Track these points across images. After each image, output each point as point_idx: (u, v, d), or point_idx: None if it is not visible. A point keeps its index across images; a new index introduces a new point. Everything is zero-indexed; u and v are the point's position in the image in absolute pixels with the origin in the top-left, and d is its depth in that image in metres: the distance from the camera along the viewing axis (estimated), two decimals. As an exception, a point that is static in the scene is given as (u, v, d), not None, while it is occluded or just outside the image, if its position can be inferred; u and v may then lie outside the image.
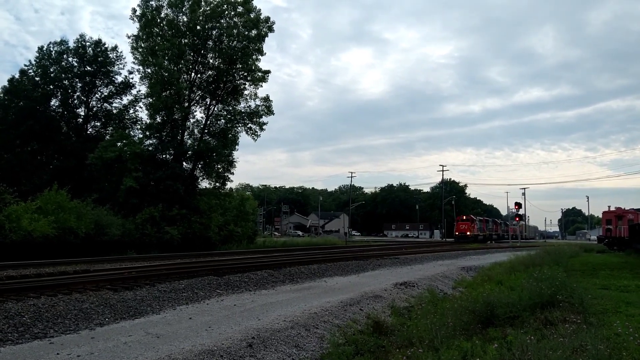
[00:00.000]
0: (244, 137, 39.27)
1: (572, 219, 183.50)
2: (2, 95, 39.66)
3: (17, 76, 40.27)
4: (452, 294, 15.63)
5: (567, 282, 11.24)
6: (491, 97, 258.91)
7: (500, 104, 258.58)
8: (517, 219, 62.76)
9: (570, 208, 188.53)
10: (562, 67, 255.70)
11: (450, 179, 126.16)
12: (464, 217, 66.96)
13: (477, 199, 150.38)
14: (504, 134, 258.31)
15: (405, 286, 15.78)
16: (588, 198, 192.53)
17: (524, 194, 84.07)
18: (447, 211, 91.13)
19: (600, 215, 48.78)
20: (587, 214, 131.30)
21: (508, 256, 27.66)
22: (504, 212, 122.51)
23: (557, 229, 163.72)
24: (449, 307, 9.90)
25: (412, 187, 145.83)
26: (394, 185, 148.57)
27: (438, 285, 17.27)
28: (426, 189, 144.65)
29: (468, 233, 62.12)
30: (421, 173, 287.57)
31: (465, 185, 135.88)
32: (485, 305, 9.16)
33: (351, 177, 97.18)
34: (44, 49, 41.55)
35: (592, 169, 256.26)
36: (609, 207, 44.80)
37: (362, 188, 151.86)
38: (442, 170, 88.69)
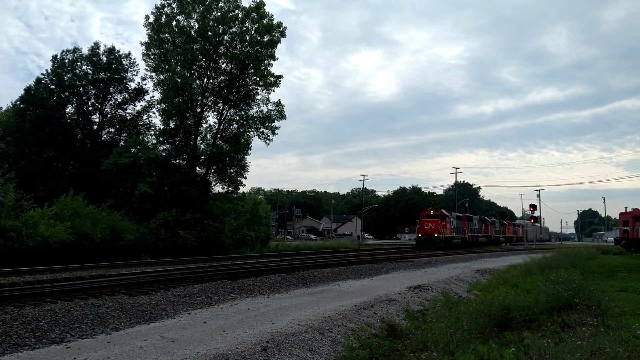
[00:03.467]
0: (255, 141, 39.71)
1: (588, 221, 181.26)
2: (19, 103, 40.25)
3: (33, 85, 40.88)
4: (467, 297, 15.51)
5: (584, 285, 11.09)
6: (503, 97, 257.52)
7: (513, 105, 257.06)
8: (532, 220, 62.10)
9: (587, 209, 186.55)
10: (576, 66, 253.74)
11: (463, 181, 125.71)
12: (431, 212, 46.66)
13: (491, 201, 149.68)
14: (517, 135, 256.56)
15: (420, 289, 15.70)
16: (604, 199, 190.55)
17: (538, 195, 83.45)
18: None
19: (617, 217, 48.12)
20: (603, 215, 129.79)
21: (523, 259, 27.42)
22: (518, 214, 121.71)
23: (573, 230, 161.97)
24: (464, 311, 9.82)
25: (425, 190, 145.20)
26: (407, 188, 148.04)
27: (452, 289, 17.15)
28: (439, 191, 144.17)
29: (436, 235, 43.07)
30: (434, 175, 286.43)
31: (479, 188, 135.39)
32: (501, 309, 9.06)
33: (363, 180, 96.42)
34: (58, 57, 42.14)
35: (608, 170, 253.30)
36: (626, 208, 44.18)
37: (375, 191, 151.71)
38: (455, 173, 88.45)
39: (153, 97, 42.49)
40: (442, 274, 20.66)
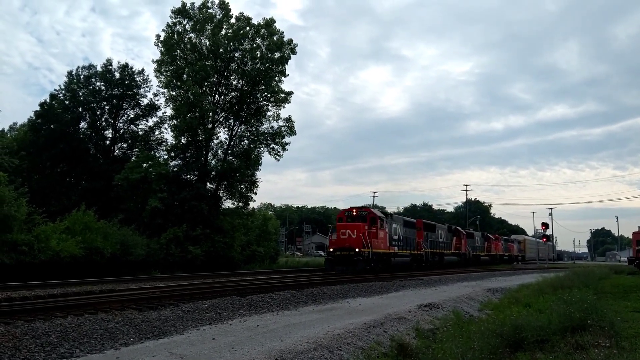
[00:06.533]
0: (264, 157, 39.88)
1: (601, 240, 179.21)
2: (33, 118, 40.87)
3: (47, 100, 41.53)
4: (479, 316, 15.33)
5: (597, 305, 10.94)
6: (514, 114, 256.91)
7: (524, 122, 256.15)
8: (545, 239, 61.52)
9: (600, 228, 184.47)
10: (587, 83, 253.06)
11: (474, 198, 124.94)
12: (354, 212, 29.87)
13: (502, 219, 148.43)
14: (528, 152, 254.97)
15: (430, 308, 15.54)
16: (617, 218, 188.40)
17: (550, 214, 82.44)
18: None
19: (631, 236, 47.54)
20: (616, 234, 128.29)
21: (536, 278, 27.13)
22: (530, 232, 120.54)
23: (585, 249, 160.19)
24: (475, 330, 9.71)
25: (435, 207, 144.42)
26: (417, 205, 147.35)
27: (463, 307, 16.96)
28: (449, 208, 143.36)
29: (357, 249, 26.82)
30: (444, 193, 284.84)
31: (490, 205, 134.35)
32: (513, 329, 8.96)
33: (373, 197, 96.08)
34: (73, 73, 42.92)
35: (621, 188, 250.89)
36: (639, 227, 43.68)
37: (385, 208, 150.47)
38: (466, 190, 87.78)
39: (165, 113, 43.04)
40: (452, 293, 20.45)
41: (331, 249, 28.57)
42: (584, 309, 10.00)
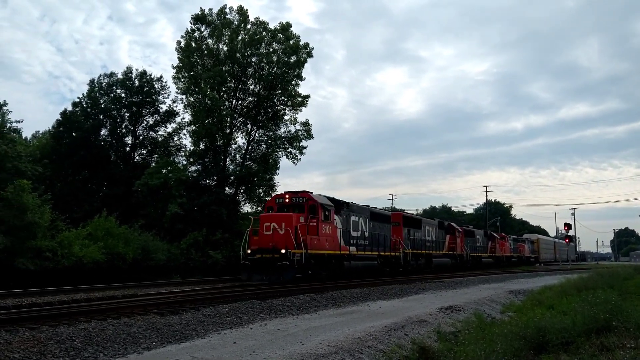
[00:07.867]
0: (282, 161, 39.47)
1: (625, 240, 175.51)
2: (55, 126, 41.60)
3: (69, 108, 42.31)
4: (501, 318, 15.16)
5: (622, 306, 10.74)
6: (534, 113, 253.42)
7: (545, 121, 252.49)
8: (567, 240, 60.60)
9: (623, 228, 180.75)
10: (609, 80, 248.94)
11: (494, 199, 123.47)
12: (287, 200, 22.20)
13: (523, 220, 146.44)
14: (549, 152, 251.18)
15: (451, 310, 15.41)
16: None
17: (573, 214, 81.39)
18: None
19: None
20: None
21: (558, 279, 26.76)
22: (552, 233, 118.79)
23: (609, 250, 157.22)
24: (498, 333, 9.60)
25: (454, 209, 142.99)
26: (437, 207, 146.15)
27: (485, 310, 16.79)
28: (469, 210, 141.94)
29: (283, 250, 19.72)
30: (463, 194, 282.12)
31: (511, 206, 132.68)
32: (536, 331, 8.84)
33: (392, 199, 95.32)
34: (95, 81, 43.60)
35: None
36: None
37: (404, 210, 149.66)
38: (486, 191, 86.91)
39: (183, 119, 43.45)
40: (473, 295, 20.26)
41: (249, 251, 21.20)
42: (609, 310, 9.83)
